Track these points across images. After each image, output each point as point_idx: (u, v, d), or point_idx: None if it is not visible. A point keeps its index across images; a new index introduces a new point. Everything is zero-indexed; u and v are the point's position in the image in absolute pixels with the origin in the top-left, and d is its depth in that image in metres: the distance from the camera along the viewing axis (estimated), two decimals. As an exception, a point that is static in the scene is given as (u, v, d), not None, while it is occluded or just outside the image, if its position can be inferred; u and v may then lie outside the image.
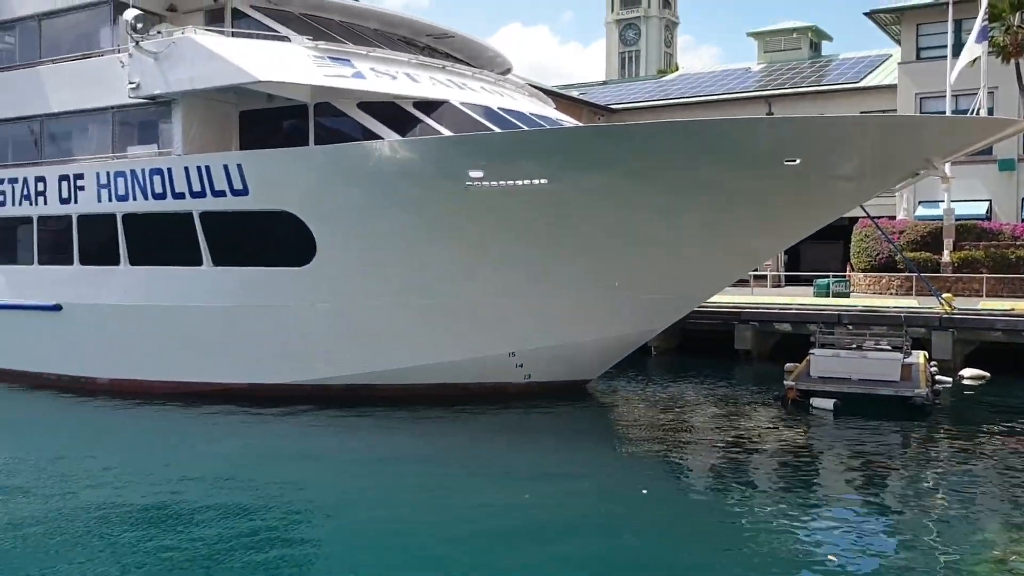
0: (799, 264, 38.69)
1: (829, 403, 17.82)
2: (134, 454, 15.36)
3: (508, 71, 25.02)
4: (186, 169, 18.18)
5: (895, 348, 19.49)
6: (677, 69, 69.83)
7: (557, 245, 17.00)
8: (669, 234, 16.85)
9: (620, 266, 17.42)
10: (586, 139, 16.91)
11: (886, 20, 39.74)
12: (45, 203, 20.43)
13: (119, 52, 19.06)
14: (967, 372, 22.20)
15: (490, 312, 17.74)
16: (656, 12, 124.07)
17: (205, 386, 18.81)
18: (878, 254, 32.63)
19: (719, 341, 26.16)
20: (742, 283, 29.34)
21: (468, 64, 22.35)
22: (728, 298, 26.33)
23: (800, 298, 28.65)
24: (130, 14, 18.01)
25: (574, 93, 51.64)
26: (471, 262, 17.32)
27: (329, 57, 18.12)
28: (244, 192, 17.75)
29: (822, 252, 38.27)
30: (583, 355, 18.97)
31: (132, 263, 19.27)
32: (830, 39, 52.80)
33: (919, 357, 20.36)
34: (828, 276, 31.30)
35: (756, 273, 31.55)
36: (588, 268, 17.40)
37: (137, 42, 18.06)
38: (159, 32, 18.45)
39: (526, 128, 17.93)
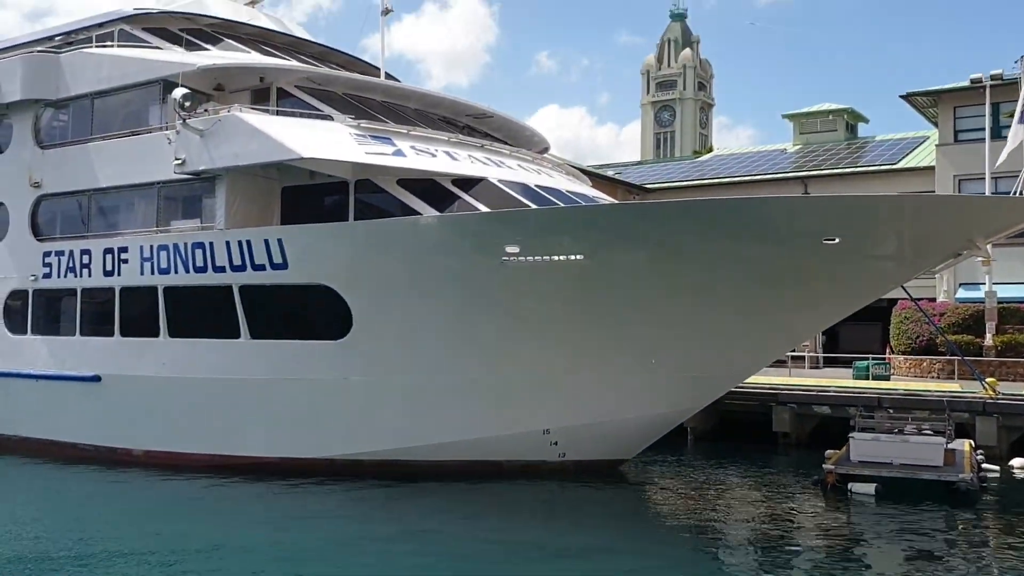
0: (837, 345, 38.12)
1: (870, 488, 17.33)
2: (164, 526, 15.28)
3: (546, 150, 25.39)
4: (227, 243, 18.48)
5: (937, 432, 19.01)
6: (712, 150, 70.40)
7: (593, 321, 16.93)
8: (707, 312, 16.72)
9: (657, 343, 17.28)
10: (623, 216, 17.00)
11: (922, 103, 39.85)
12: (89, 275, 20.82)
13: (167, 129, 19.56)
14: (1017, 462, 21.48)
15: (525, 388, 17.60)
16: (691, 94, 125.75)
17: (239, 459, 18.75)
18: (918, 336, 32.08)
19: (757, 423, 25.67)
20: (780, 363, 28.92)
21: (506, 143, 22.71)
22: (766, 379, 25.95)
23: (839, 380, 28.16)
24: (179, 93, 18.57)
25: (610, 172, 52.11)
26: (507, 337, 17.29)
27: (371, 135, 18.51)
28: (284, 266, 17.97)
29: (861, 333, 37.68)
30: (619, 434, 18.69)
31: (171, 335, 19.48)
32: (866, 121, 52.95)
33: (964, 443, 19.82)
34: (867, 358, 30.78)
35: (794, 354, 31.11)
36: (625, 345, 17.29)
37: (185, 120, 18.57)
38: (206, 110, 19.00)
39: (563, 205, 18.07)
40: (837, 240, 15.13)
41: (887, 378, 29.47)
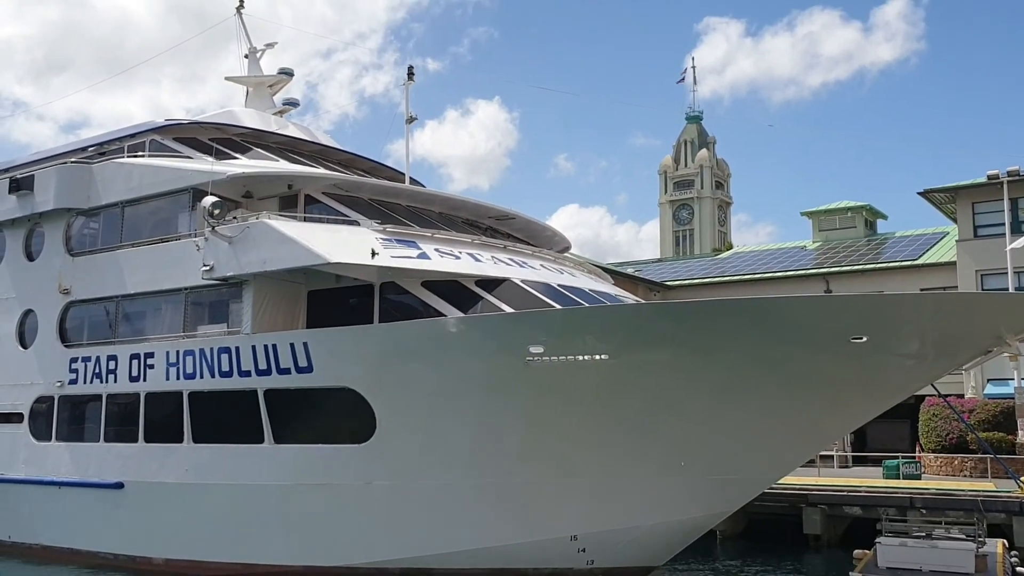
0: (865, 444, 37.36)
1: (901, 595, 16.65)
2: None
3: (566, 249, 25.60)
4: (253, 347, 18.57)
5: (968, 536, 18.34)
6: (731, 247, 70.76)
7: (620, 422, 16.73)
8: (735, 412, 16.50)
9: (686, 445, 17.01)
10: (647, 315, 16.98)
11: (941, 199, 40.10)
12: (115, 381, 20.92)
13: (196, 236, 19.91)
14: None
15: (551, 493, 17.26)
16: (709, 193, 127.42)
17: (261, 568, 18.41)
18: (948, 433, 31.42)
19: (787, 525, 25.03)
20: (808, 463, 28.34)
21: (528, 243, 22.94)
22: (795, 479, 25.37)
23: (869, 480, 27.52)
24: (208, 201, 18.97)
25: (630, 270, 52.31)
26: (532, 440, 17.06)
27: (396, 239, 18.74)
28: (309, 369, 17.99)
29: (889, 431, 36.92)
30: (649, 540, 18.16)
31: (195, 440, 19.40)
32: (885, 217, 53.24)
33: (997, 545, 19.13)
34: (897, 457, 30.11)
35: (822, 453, 30.50)
36: (653, 446, 17.02)
37: (214, 227, 18.92)
38: (235, 217, 19.36)
39: (586, 304, 18.11)
40: (865, 339, 15.01)
41: (918, 477, 28.75)
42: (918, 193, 39.57)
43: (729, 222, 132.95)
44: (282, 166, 22.18)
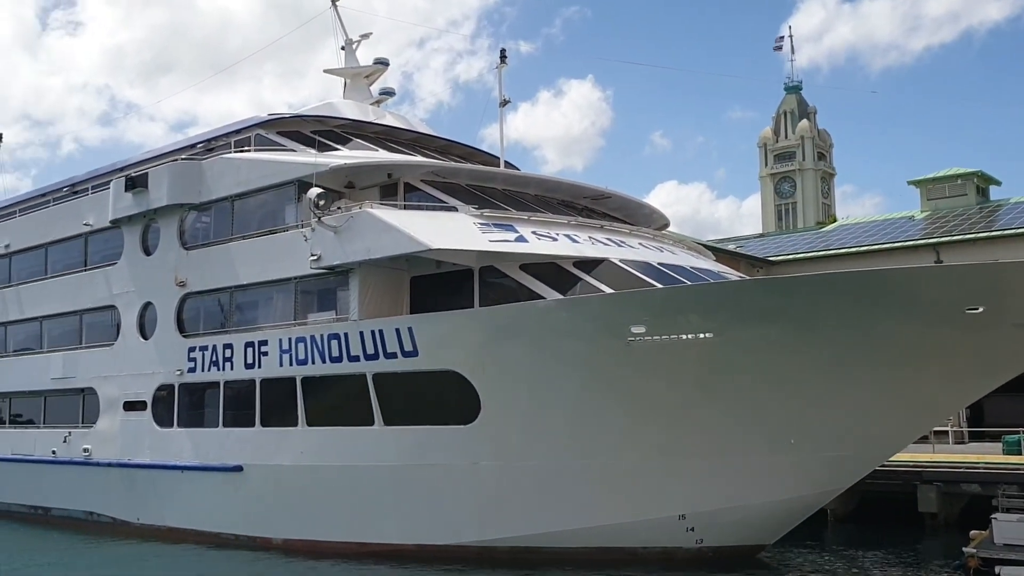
0: (982, 419, 35.93)
1: (1020, 572, 16.04)
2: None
3: (665, 227, 25.38)
4: (361, 333, 19.07)
5: None
6: (835, 219, 68.80)
7: (726, 401, 16.58)
8: (845, 389, 16.15)
9: (795, 423, 16.75)
10: (752, 291, 16.75)
11: (1060, 161, 38.03)
12: (231, 368, 21.77)
13: (302, 227, 20.49)
14: None
15: (659, 472, 17.26)
16: (811, 165, 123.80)
17: (375, 546, 18.95)
18: (1075, 407, 29.97)
19: (900, 503, 24.25)
20: (922, 439, 27.46)
21: (626, 222, 22.83)
22: (908, 456, 24.61)
23: (988, 456, 26.46)
24: (313, 192, 19.50)
25: (731, 246, 51.39)
26: (637, 419, 17.08)
27: (493, 224, 18.94)
28: (414, 353, 18.40)
29: (1009, 405, 35.23)
30: (758, 518, 17.99)
31: (309, 424, 20.06)
32: (998, 183, 50.76)
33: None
34: (1018, 432, 28.87)
35: (937, 429, 29.49)
36: (761, 425, 16.82)
37: (319, 217, 19.46)
38: (339, 208, 19.86)
39: (688, 282, 17.96)
40: (981, 309, 14.47)
41: (1041, 452, 27.55)
42: (1035, 156, 37.63)
43: (833, 194, 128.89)
44: (381, 155, 22.62)
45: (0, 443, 29.06)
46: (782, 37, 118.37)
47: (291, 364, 20.36)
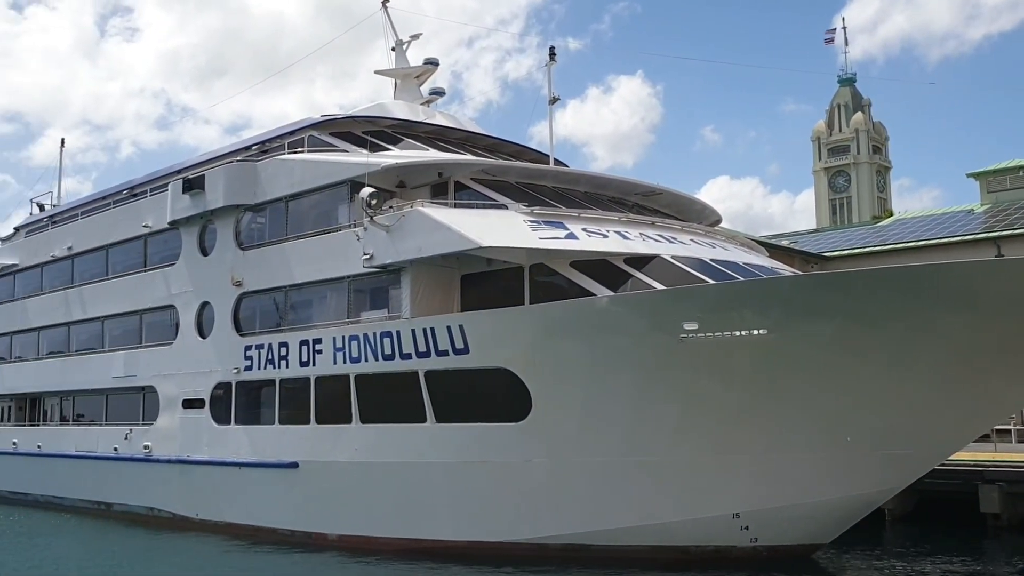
0: (1049, 417, 34.94)
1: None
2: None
3: (717, 223, 25.14)
4: (413, 331, 19.22)
5: None
6: (892, 214, 67.50)
7: (781, 398, 16.38)
8: (904, 385, 15.86)
9: (851, 420, 16.48)
10: (808, 287, 16.53)
11: None
12: (287, 366, 22.08)
13: (355, 227, 20.72)
14: None
15: (712, 470, 17.11)
16: (866, 158, 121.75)
17: (428, 543, 19.08)
18: None
19: (961, 504, 23.71)
20: (983, 438, 26.79)
21: (677, 218, 22.66)
22: (969, 454, 24.01)
23: (1056, 455, 25.75)
24: (365, 192, 19.69)
25: (785, 242, 50.74)
26: (690, 417, 16.96)
27: (544, 221, 18.96)
28: (465, 351, 18.48)
29: (1076, 403, 34.41)
30: (814, 517, 17.71)
31: (363, 421, 20.27)
32: (1062, 174, 49.31)
33: None
34: (1087, 430, 28.07)
35: (999, 427, 28.75)
36: (816, 422, 16.58)
37: (371, 217, 19.65)
38: (391, 207, 20.04)
39: (741, 278, 17.78)
40: (1047, 304, 14.10)
41: (1112, 452, 26.74)
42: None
43: (889, 188, 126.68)
44: (432, 155, 22.77)
45: (65, 440, 29.88)
46: (834, 29, 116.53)
47: (344, 362, 20.59)
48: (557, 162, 24.74)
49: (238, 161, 25.01)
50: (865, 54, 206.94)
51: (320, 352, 21.22)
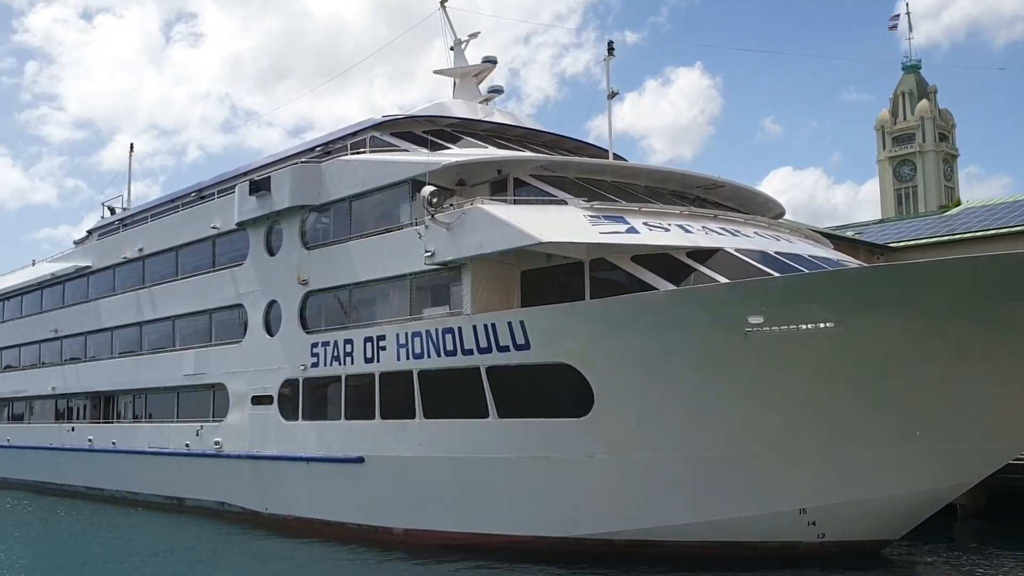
0: None
1: None
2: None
3: (781, 215, 24.87)
4: (474, 327, 19.38)
5: None
6: (959, 203, 65.84)
7: (848, 392, 16.15)
8: (976, 378, 15.51)
9: (920, 414, 16.19)
10: (875, 279, 16.24)
11: None
12: (352, 363, 22.43)
13: (416, 225, 20.97)
14: None
15: (778, 465, 16.95)
16: (932, 146, 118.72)
17: (493, 538, 19.21)
18: None
19: (1037, 500, 23.08)
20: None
21: (739, 211, 22.48)
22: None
23: None
24: (427, 190, 19.91)
25: (849, 233, 49.79)
26: (755, 411, 16.81)
27: (604, 216, 18.95)
28: (526, 346, 18.57)
29: None
30: (883, 512, 17.44)
31: (426, 416, 20.50)
32: None
33: None
34: None
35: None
36: (884, 416, 16.31)
37: (432, 215, 19.87)
38: (451, 205, 20.23)
39: (806, 271, 17.57)
40: None
41: None
42: None
43: (956, 176, 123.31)
44: (491, 152, 22.90)
45: (138, 437, 30.77)
46: (897, 16, 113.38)
47: (407, 358, 20.84)
48: (616, 156, 24.71)
49: (302, 162, 25.46)
50: (929, 40, 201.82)
51: (384, 348, 21.51)
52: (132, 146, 42.71)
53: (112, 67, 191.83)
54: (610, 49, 24.11)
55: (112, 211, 39.14)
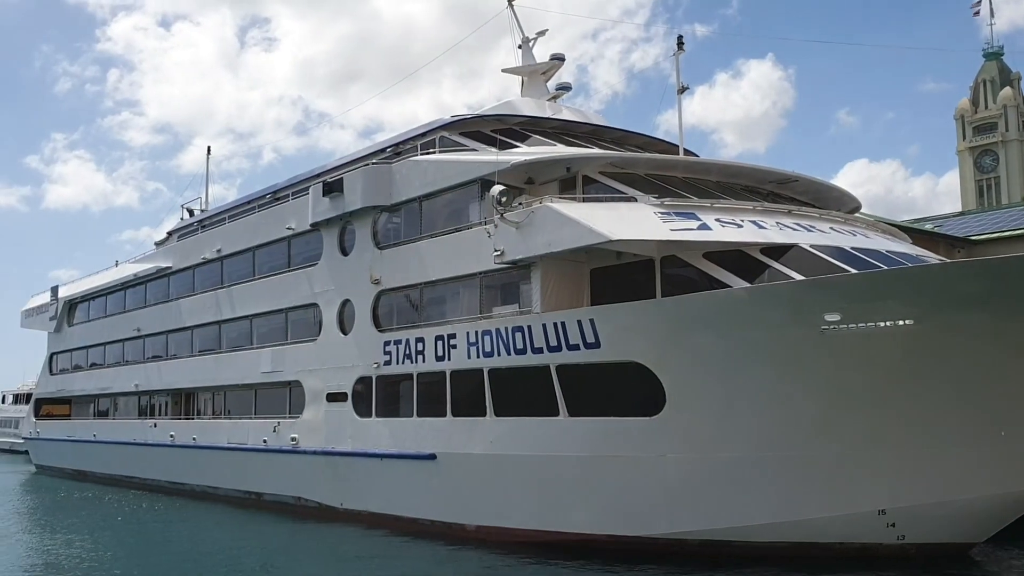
0: None
1: None
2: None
3: (856, 209, 24.36)
4: (544, 326, 19.41)
5: None
6: (1047, 193, 63.35)
7: (929, 391, 15.74)
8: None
9: (1005, 414, 15.68)
10: (957, 274, 15.79)
11: None
12: (423, 361, 22.67)
13: (486, 224, 21.06)
14: None
15: (856, 465, 16.60)
16: (1015, 135, 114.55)
17: (566, 536, 19.20)
18: None
19: None
20: None
21: (814, 206, 22.06)
22: None
23: None
24: (496, 190, 20.02)
25: (928, 226, 48.41)
26: (832, 410, 16.49)
27: (674, 212, 18.79)
28: (596, 345, 18.52)
29: None
30: (966, 515, 16.95)
31: (497, 414, 20.60)
32: None
33: None
34: None
35: None
36: (967, 415, 15.86)
37: (502, 214, 19.95)
38: (520, 203, 20.28)
39: (885, 267, 17.16)
40: None
41: None
42: None
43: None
44: (559, 150, 22.85)
45: (217, 433, 31.60)
46: (979, 1, 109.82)
47: (478, 356, 20.98)
48: (686, 152, 24.48)
49: (374, 163, 25.79)
50: (1012, 25, 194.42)
51: (455, 347, 21.68)
52: (209, 149, 43.90)
53: (189, 73, 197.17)
54: (680, 43, 23.90)
55: (191, 213, 40.23)
